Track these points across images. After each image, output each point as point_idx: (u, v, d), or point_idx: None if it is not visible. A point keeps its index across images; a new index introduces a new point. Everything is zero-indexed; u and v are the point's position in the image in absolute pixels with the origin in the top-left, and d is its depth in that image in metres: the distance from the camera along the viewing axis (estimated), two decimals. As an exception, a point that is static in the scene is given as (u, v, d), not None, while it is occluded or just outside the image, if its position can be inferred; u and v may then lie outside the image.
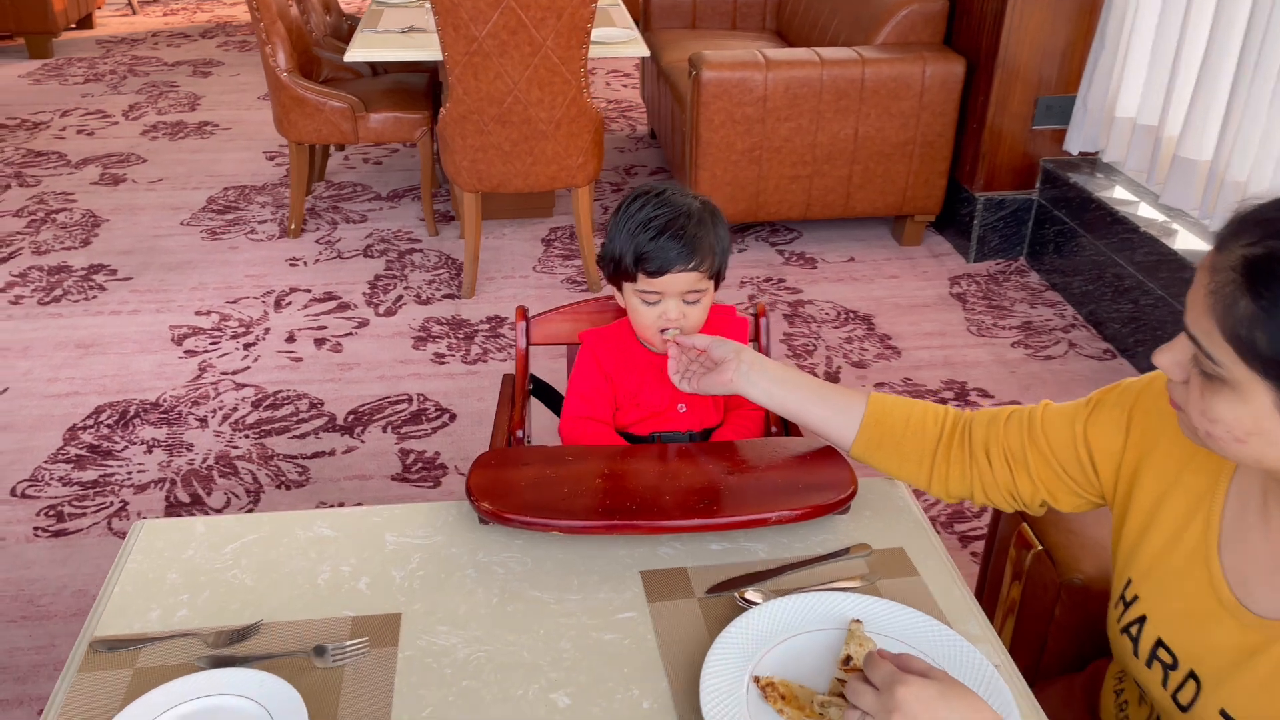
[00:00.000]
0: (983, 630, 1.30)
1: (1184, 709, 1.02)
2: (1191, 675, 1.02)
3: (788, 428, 1.68)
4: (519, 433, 1.70)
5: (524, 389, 1.78)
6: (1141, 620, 1.09)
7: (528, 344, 1.81)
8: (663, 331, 1.58)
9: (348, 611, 1.28)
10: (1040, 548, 1.58)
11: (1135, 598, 1.12)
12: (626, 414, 1.71)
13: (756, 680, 1.16)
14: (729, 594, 1.33)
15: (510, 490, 1.39)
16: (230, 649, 1.21)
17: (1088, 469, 1.22)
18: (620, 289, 1.63)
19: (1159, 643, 1.06)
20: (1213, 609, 1.02)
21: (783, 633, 1.24)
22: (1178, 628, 1.05)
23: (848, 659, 1.17)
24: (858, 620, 1.24)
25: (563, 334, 1.85)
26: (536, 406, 1.98)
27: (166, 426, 3.06)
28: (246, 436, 3.02)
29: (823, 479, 1.43)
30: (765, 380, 1.42)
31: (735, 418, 1.73)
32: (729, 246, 1.64)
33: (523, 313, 1.81)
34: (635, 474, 1.44)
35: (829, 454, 1.48)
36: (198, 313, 3.67)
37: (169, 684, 1.12)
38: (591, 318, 1.82)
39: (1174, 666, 1.04)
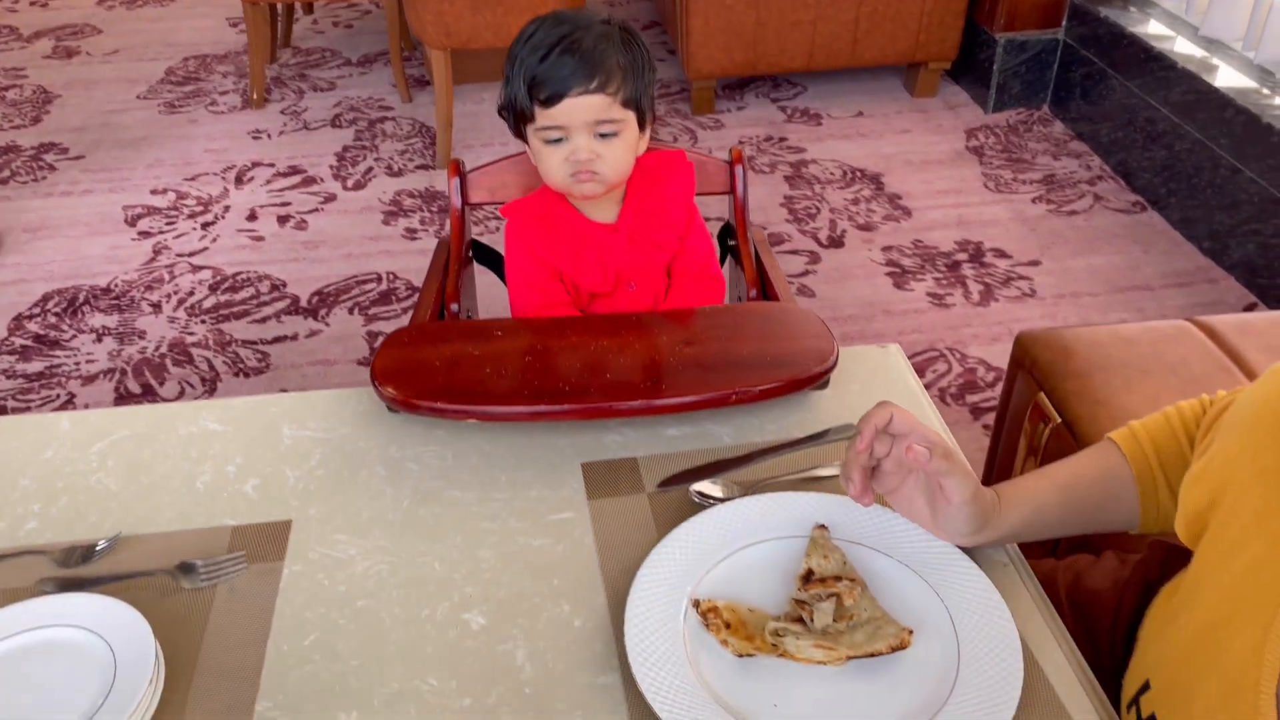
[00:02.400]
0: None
1: None
2: None
3: (765, 292, 1.44)
4: (454, 306, 1.47)
5: (460, 255, 1.53)
6: None
7: (464, 203, 1.56)
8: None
9: (228, 520, 1.08)
10: (1059, 420, 1.35)
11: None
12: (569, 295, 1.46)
13: (696, 605, 0.96)
14: (683, 488, 1.12)
15: (422, 372, 1.17)
16: (81, 569, 1.01)
17: None
18: (526, 140, 1.38)
19: None
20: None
21: (733, 542, 1.03)
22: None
23: (809, 573, 0.96)
24: (822, 526, 1.02)
25: (510, 189, 1.60)
26: (491, 281, 1.74)
27: (118, 313, 2.85)
28: (203, 322, 2.81)
29: (798, 348, 1.20)
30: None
31: (699, 289, 1.47)
32: (650, 71, 1.35)
33: (456, 166, 1.55)
34: (572, 350, 1.21)
35: (805, 318, 1.24)
36: (153, 191, 3.42)
37: (-6, 614, 0.93)
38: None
39: None
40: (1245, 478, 0.81)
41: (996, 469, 1.56)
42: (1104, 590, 1.15)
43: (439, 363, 1.19)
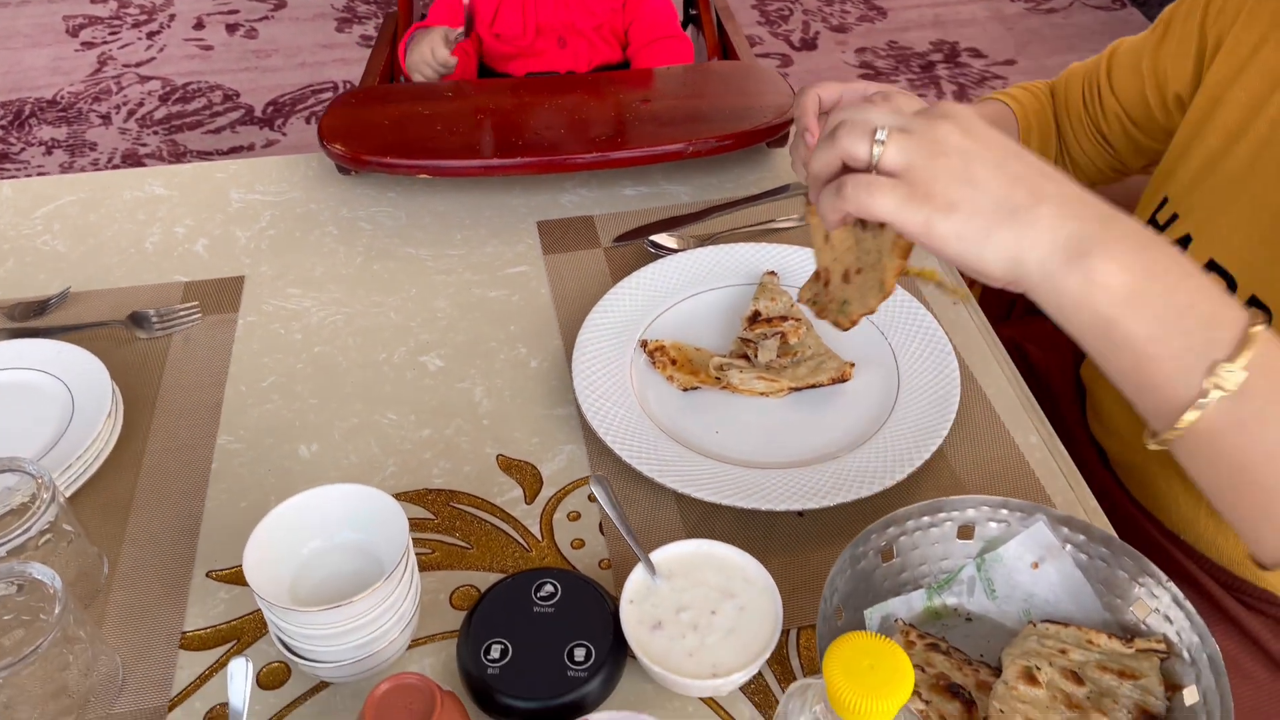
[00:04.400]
0: (940, 262, 1.09)
1: None
2: (1254, 302, 0.80)
3: (726, 51, 1.40)
4: (403, 79, 1.42)
5: (409, 25, 1.47)
6: (1184, 241, 0.86)
7: (412, -28, 1.49)
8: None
9: (179, 277, 1.07)
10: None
11: (1174, 217, 0.87)
12: (490, 49, 1.40)
13: (644, 345, 0.97)
14: (639, 242, 1.12)
15: (371, 130, 1.14)
16: (33, 322, 1.01)
17: (1164, 113, 0.97)
18: None
19: (1209, 265, 0.83)
20: None
21: (684, 289, 1.03)
22: (1238, 243, 0.81)
23: (755, 315, 0.97)
24: (772, 272, 1.03)
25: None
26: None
27: (66, 125, 2.76)
28: (155, 133, 2.72)
29: (757, 104, 1.17)
30: None
31: (660, 49, 1.43)
32: None
33: (401, -71, 1.47)
34: (526, 108, 1.18)
35: (765, 75, 1.21)
36: (93, 0, 3.25)
37: (-49, 361, 0.92)
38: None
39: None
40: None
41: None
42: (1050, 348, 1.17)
43: (388, 121, 1.15)
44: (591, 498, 0.86)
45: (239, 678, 0.66)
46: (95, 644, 0.73)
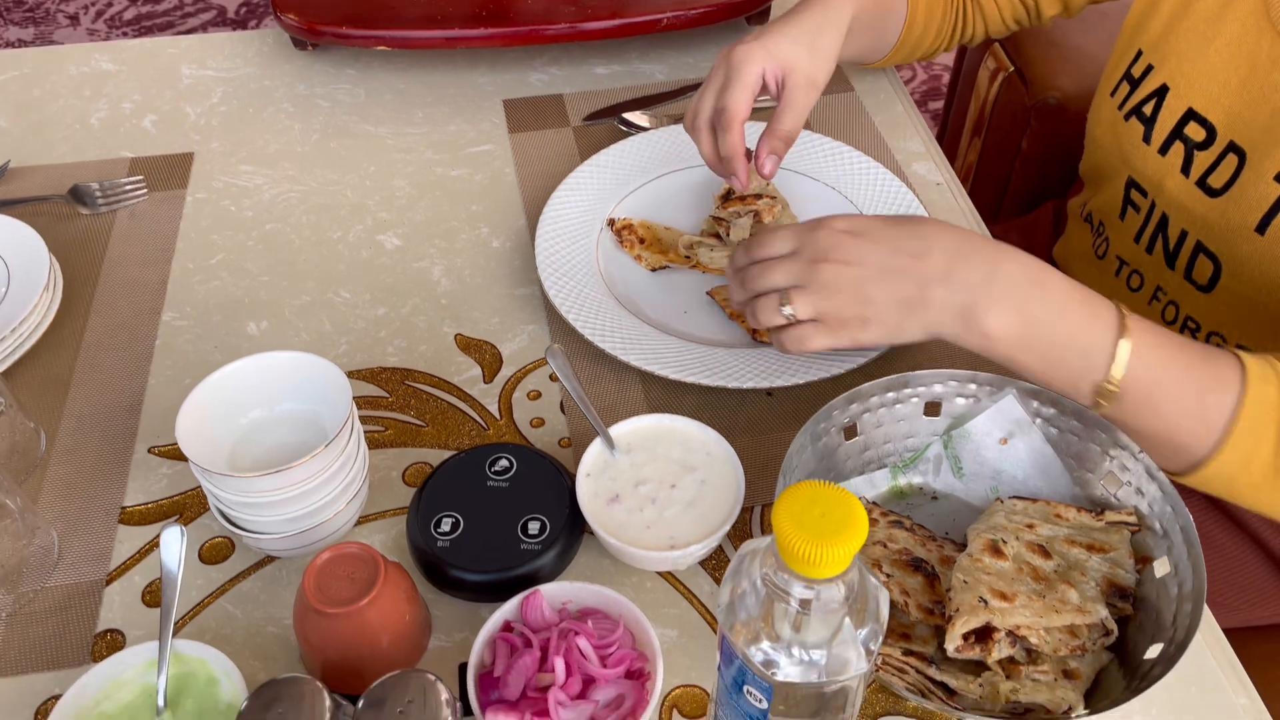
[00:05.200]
0: (926, 147, 1.05)
1: (1216, 192, 0.78)
2: (1232, 148, 0.77)
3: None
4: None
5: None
6: (1161, 92, 0.83)
7: None
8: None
9: (125, 153, 1.02)
10: (1012, 69, 1.29)
11: (1150, 68, 0.84)
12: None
13: (611, 224, 0.93)
14: (610, 122, 1.07)
15: (327, 1, 1.08)
16: (-30, 197, 0.96)
17: None
18: None
19: (1189, 115, 0.80)
20: (1267, 48, 0.75)
21: (655, 169, 0.99)
22: (1216, 90, 0.78)
23: (728, 193, 0.92)
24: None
25: None
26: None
27: (34, 26, 2.66)
28: (125, 34, 2.63)
29: (735, -25, 1.11)
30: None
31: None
32: None
33: None
34: (492, -24, 1.12)
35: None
36: (57, -106, 3.11)
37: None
38: None
39: (1206, 143, 0.79)
40: None
41: (947, 136, 1.52)
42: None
43: (345, -9, 1.09)
44: (553, 377, 0.83)
45: (173, 545, 0.63)
46: (28, 516, 0.70)
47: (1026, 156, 1.27)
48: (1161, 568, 0.64)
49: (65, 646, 0.67)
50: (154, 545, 0.72)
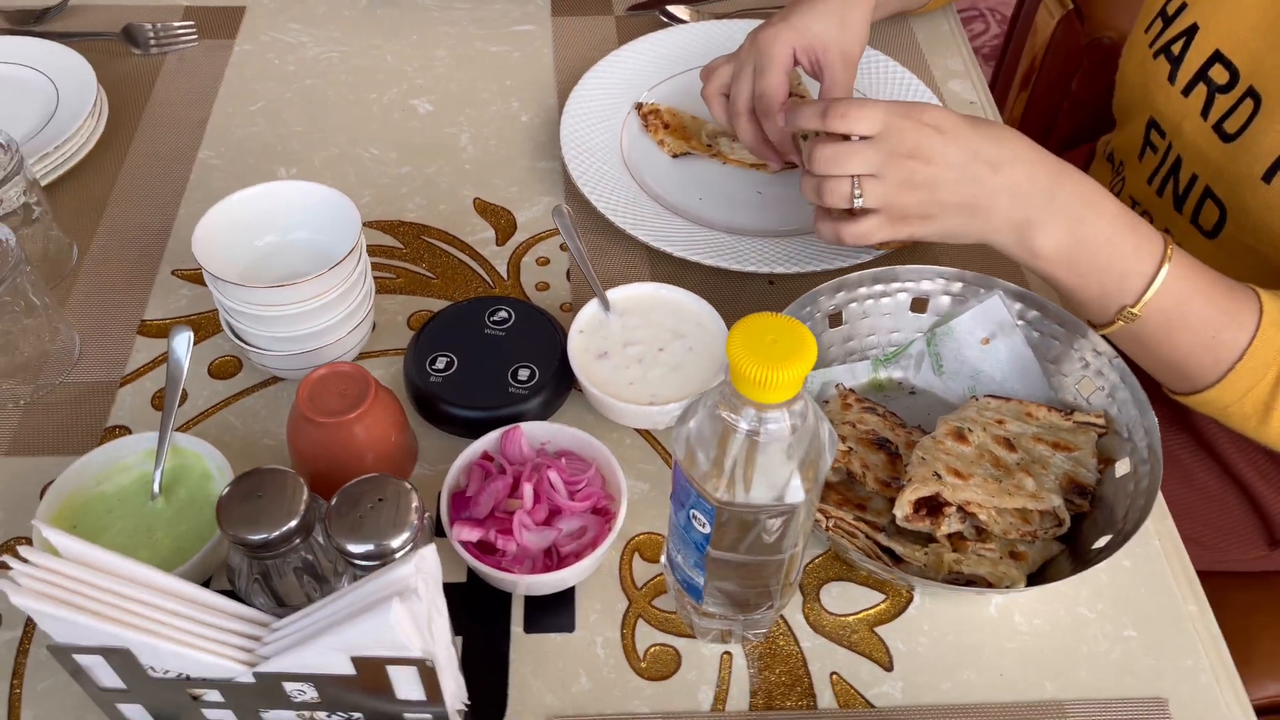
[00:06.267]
0: (966, 66, 1.04)
1: (1229, 138, 0.78)
2: (1250, 93, 0.77)
3: None
4: None
5: None
6: (1191, 31, 0.82)
7: None
8: None
9: (180, 0, 1.05)
10: (1071, 7, 1.27)
11: (1183, 6, 0.84)
12: None
13: (639, 107, 0.94)
14: (652, 13, 1.08)
15: None
16: (30, 26, 1.00)
17: None
18: None
19: (1215, 57, 0.80)
20: None
21: (690, 60, 0.99)
22: (1244, 33, 0.78)
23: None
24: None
25: None
26: None
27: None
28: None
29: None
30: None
31: None
32: None
33: None
34: None
35: None
36: None
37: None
38: None
39: (1228, 86, 0.79)
40: None
41: (1000, 78, 1.50)
42: None
43: None
44: (563, 247, 0.86)
45: (181, 343, 0.67)
46: (54, 316, 0.75)
47: (1076, 98, 1.26)
48: (1122, 468, 0.66)
49: (75, 435, 0.71)
50: (167, 357, 0.76)
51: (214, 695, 0.54)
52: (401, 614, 0.47)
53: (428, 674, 0.51)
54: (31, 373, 0.74)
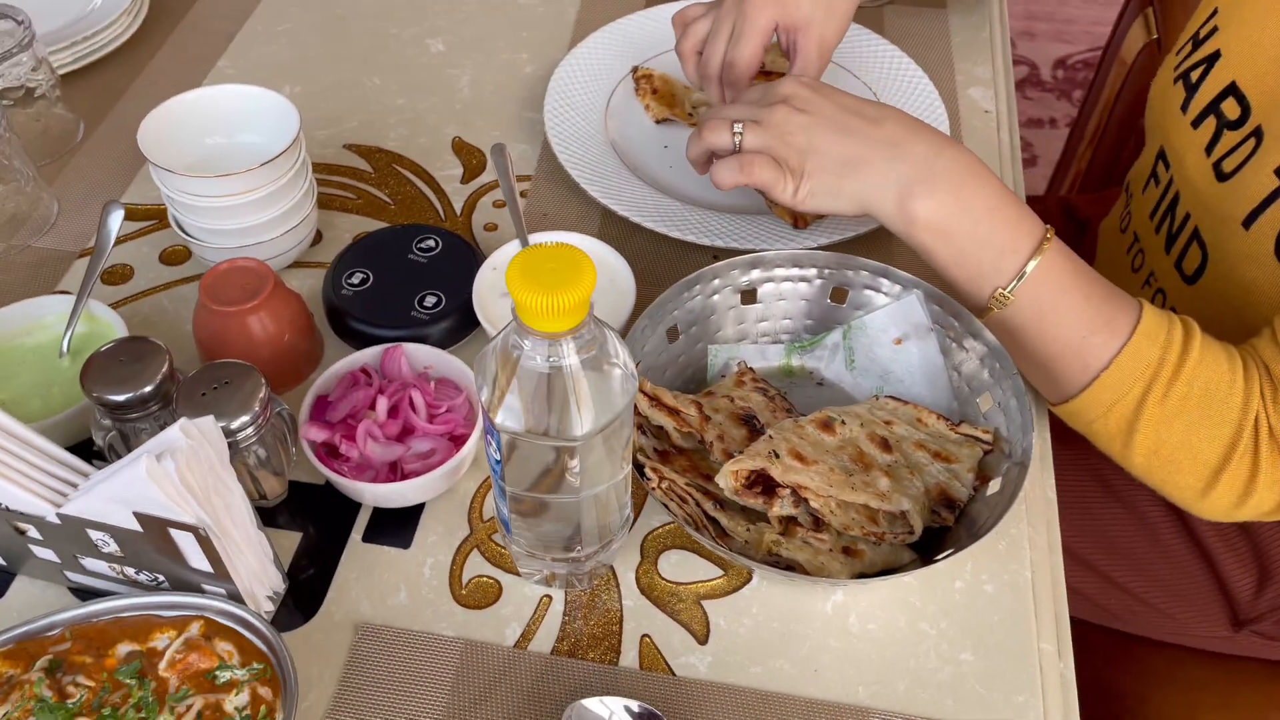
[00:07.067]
0: (994, 76, 1.00)
1: (1224, 177, 0.73)
2: (1256, 134, 0.71)
3: None
4: None
5: None
6: (1213, 59, 0.76)
7: None
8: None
9: (244, -77, 1.12)
10: (1156, 35, 1.20)
11: (1214, 30, 0.78)
12: None
13: (634, 70, 0.94)
14: (686, -15, 1.07)
15: None
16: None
17: None
18: None
19: (1230, 89, 0.74)
20: None
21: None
22: (1265, 64, 0.72)
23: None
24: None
25: None
26: None
27: None
28: None
29: None
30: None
31: None
32: None
33: None
34: None
35: None
36: None
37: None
38: None
39: (1237, 123, 0.73)
40: None
41: (1086, 104, 1.43)
42: None
43: None
44: (524, 194, 0.87)
45: (113, 218, 0.72)
46: (37, 184, 0.81)
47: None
48: (993, 487, 0.62)
49: (28, 294, 0.77)
50: (128, 237, 0.82)
51: (34, 532, 0.57)
52: (156, 471, 0.49)
53: (205, 543, 0.53)
54: (4, 233, 0.80)
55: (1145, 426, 0.63)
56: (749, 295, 0.73)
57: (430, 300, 0.74)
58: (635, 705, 0.57)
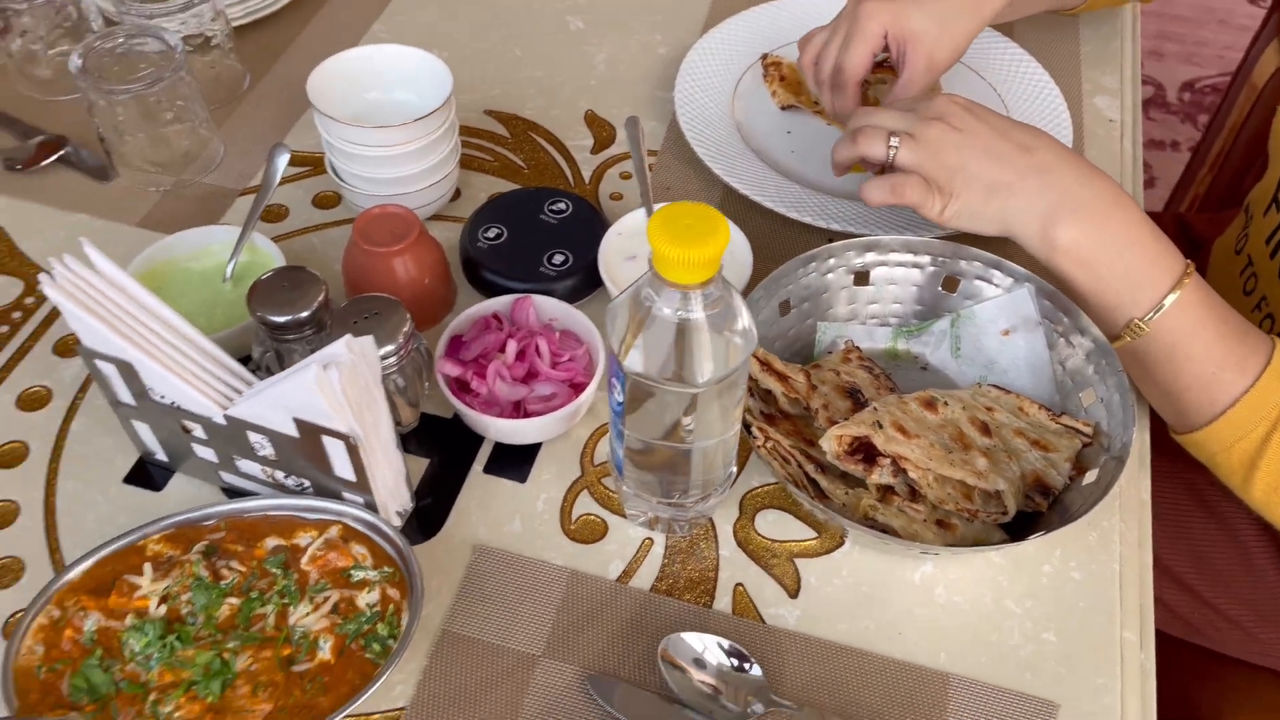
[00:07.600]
0: (1122, 86, 1.00)
1: None
2: None
3: None
4: None
5: None
6: None
7: None
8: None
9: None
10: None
11: None
12: None
13: (764, 57, 0.97)
14: None
15: None
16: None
17: None
18: None
19: None
20: None
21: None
22: None
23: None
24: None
25: None
26: None
27: None
28: None
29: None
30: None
31: None
32: None
33: None
34: None
35: None
36: None
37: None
38: None
39: None
40: None
41: (1213, 124, 1.41)
42: None
43: None
44: (652, 167, 0.91)
45: (279, 160, 0.79)
46: (209, 126, 0.89)
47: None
48: (1089, 477, 0.64)
49: (195, 224, 0.84)
50: (288, 180, 0.88)
51: (199, 431, 0.64)
52: (323, 379, 0.54)
53: (353, 452, 0.59)
54: (176, 168, 0.87)
55: (1268, 464, 0.65)
56: (862, 277, 0.76)
57: (558, 258, 0.79)
58: (726, 643, 0.60)
